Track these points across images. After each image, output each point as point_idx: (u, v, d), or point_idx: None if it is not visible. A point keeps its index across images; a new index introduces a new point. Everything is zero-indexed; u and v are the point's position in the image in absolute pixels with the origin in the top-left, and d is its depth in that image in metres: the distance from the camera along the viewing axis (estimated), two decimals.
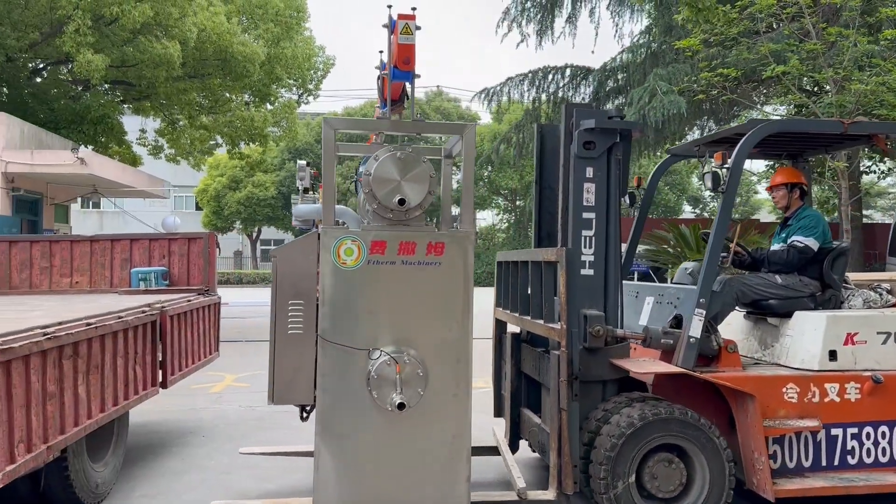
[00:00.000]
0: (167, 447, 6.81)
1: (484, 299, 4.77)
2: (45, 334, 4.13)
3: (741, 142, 4.79)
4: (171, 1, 14.56)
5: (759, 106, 15.33)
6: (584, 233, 4.82)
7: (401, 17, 3.86)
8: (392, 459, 3.76)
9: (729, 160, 4.77)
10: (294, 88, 21.17)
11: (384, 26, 4.17)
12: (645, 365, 4.59)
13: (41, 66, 18.09)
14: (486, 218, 51.80)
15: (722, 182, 4.72)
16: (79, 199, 18.88)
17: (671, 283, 5.49)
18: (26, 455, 3.83)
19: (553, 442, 4.41)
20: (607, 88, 16.16)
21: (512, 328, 5.68)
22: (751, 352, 5.40)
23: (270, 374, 3.77)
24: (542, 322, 4.85)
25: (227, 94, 18.06)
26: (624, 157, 4.99)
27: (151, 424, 7.67)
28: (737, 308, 5.42)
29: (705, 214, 43.45)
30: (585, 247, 4.82)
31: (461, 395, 3.79)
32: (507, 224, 46.09)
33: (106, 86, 18.94)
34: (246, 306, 21.37)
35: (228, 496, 5.26)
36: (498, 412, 5.89)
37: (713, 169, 4.73)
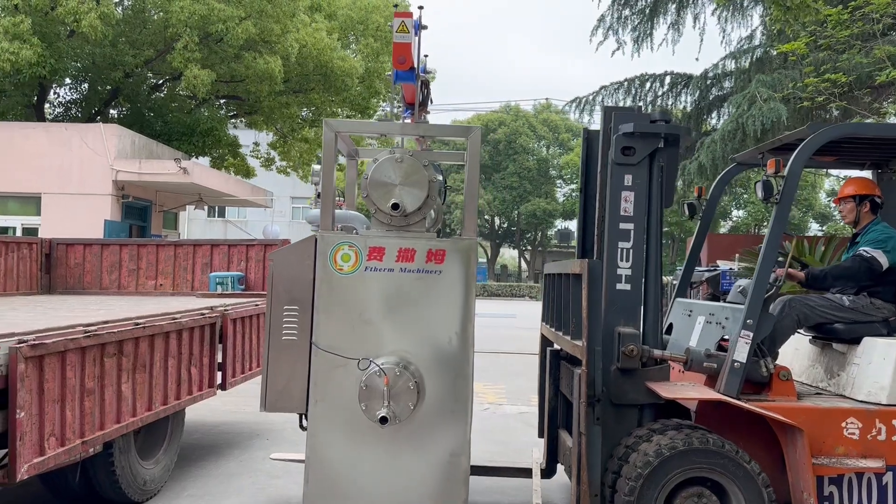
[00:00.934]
0: (228, 449, 7.02)
1: None
2: (85, 332, 4.34)
3: (798, 148, 4.40)
4: (273, 18, 15.21)
5: (881, 113, 14.17)
6: (621, 244, 4.57)
7: (397, 14, 3.80)
8: (384, 476, 3.66)
9: (785, 168, 4.39)
10: (395, 102, 21.55)
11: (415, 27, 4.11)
12: (679, 389, 4.28)
13: (159, 82, 19.37)
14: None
15: (776, 192, 4.35)
16: (205, 209, 20.05)
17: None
18: (58, 448, 4.03)
19: (573, 467, 4.18)
20: (711, 97, 15.42)
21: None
22: (815, 381, 4.93)
23: (263, 381, 3.77)
24: (569, 338, 4.63)
25: (329, 108, 18.63)
26: (669, 165, 4.70)
27: (222, 425, 7.95)
28: (800, 332, 4.97)
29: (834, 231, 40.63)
30: (622, 259, 4.56)
31: (459, 412, 3.64)
32: None
33: (221, 100, 20.07)
34: None
35: (265, 502, 5.34)
36: (541, 433, 5.68)
37: (766, 178, 4.37)
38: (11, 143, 14.71)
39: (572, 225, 49.45)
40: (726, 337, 4.54)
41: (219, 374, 6.23)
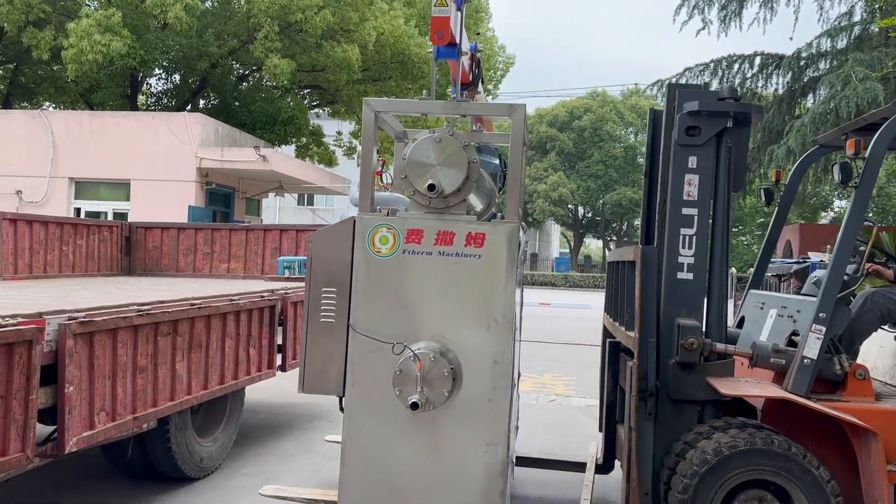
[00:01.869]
0: (289, 429, 7.11)
1: None
2: (138, 311, 4.43)
3: (882, 128, 4.00)
4: (351, 6, 15.31)
5: None
6: (683, 231, 4.29)
7: None
8: (418, 464, 3.54)
9: (866, 150, 4.00)
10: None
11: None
12: (742, 386, 3.98)
13: (245, 73, 19.91)
14: None
15: (855, 175, 3.98)
16: (294, 196, 20.55)
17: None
18: (108, 423, 4.12)
19: (623, 463, 3.96)
20: (805, 79, 14.53)
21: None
22: None
23: (301, 362, 3.72)
24: (624, 329, 4.39)
25: (406, 96, 18.68)
26: (738, 146, 4.39)
27: (286, 407, 8.06)
28: (885, 328, 4.56)
29: None
30: (684, 247, 4.28)
31: (498, 402, 3.47)
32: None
33: (304, 90, 20.45)
34: None
35: (318, 483, 5.35)
36: (600, 427, 5.46)
37: (844, 160, 4.00)
38: (103, 131, 15.43)
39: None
40: (798, 332, 4.20)
41: (279, 357, 6.30)
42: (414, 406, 3.30)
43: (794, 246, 16.84)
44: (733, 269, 17.76)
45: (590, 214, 52.78)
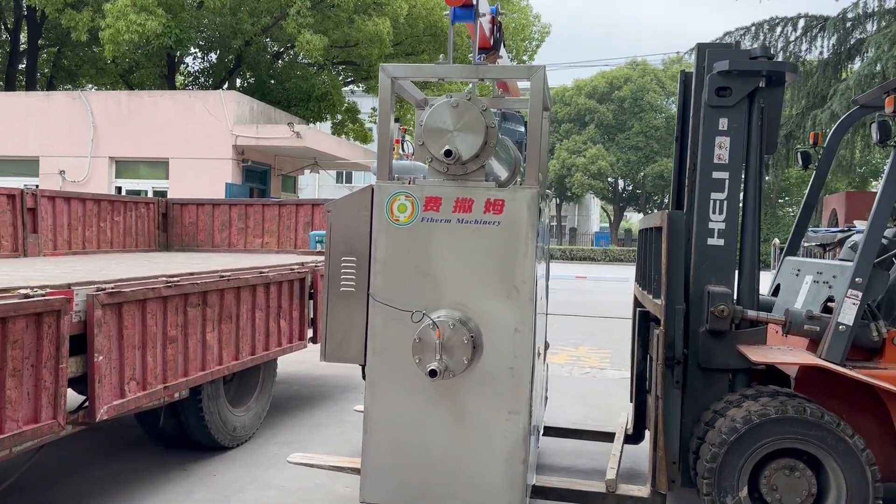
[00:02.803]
0: (322, 400, 7.19)
1: None
2: (167, 283, 4.49)
3: None
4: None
5: None
6: (714, 196, 4.16)
7: None
8: (440, 431, 3.54)
9: None
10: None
11: None
12: (773, 353, 3.87)
13: (280, 50, 19.97)
14: None
15: (894, 134, 3.81)
16: (334, 175, 20.64)
17: None
18: (138, 392, 4.20)
19: (650, 433, 3.90)
20: (851, 41, 13.98)
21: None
22: None
23: (323, 330, 3.73)
24: (651, 297, 4.30)
25: None
26: (771, 107, 4.22)
27: (320, 378, 8.15)
28: None
29: None
30: (714, 212, 4.16)
31: (519, 369, 3.43)
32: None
33: (339, 66, 20.44)
34: None
35: (349, 452, 5.40)
36: (631, 397, 5.39)
37: (883, 118, 3.83)
38: (141, 111, 15.66)
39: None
40: (833, 298, 4.06)
41: (310, 329, 6.35)
42: (432, 373, 3.28)
43: (839, 215, 16.34)
44: (776, 240, 17.34)
45: (630, 187, 52.02)
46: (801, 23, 13.73)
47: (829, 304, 4.09)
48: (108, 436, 5.75)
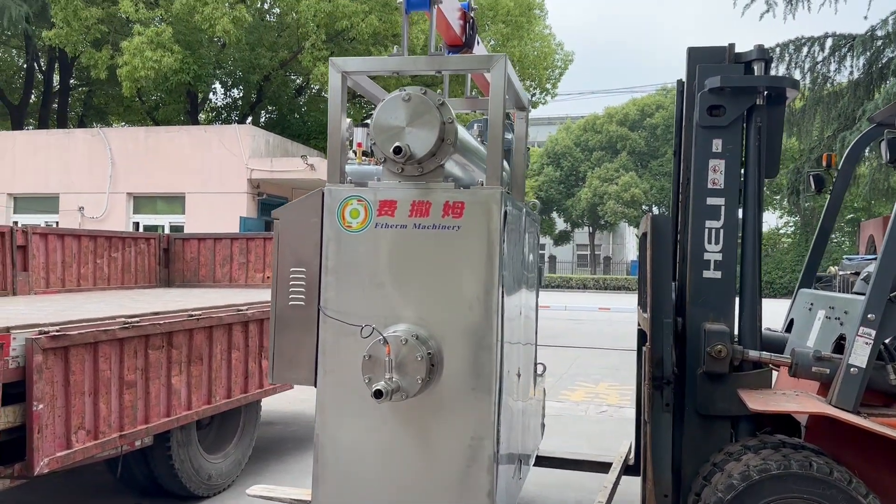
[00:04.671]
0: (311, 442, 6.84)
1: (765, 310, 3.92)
2: (124, 324, 4.24)
3: None
4: (397, 11, 15.12)
5: None
6: (709, 224, 3.79)
7: None
8: (397, 459, 3.17)
9: None
10: (530, 89, 20.95)
11: None
12: (773, 400, 3.44)
13: (302, 85, 20.03)
14: (766, 221, 47.07)
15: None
16: None
17: None
18: (88, 442, 3.92)
19: (641, 462, 3.50)
20: (883, 60, 13.41)
21: None
22: None
23: (270, 349, 3.40)
24: (641, 311, 3.93)
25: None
26: (771, 126, 3.85)
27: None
28: None
29: None
30: (710, 242, 3.78)
31: (482, 390, 3.05)
32: (792, 227, 41.29)
33: (359, 97, 20.42)
34: None
35: None
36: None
37: (893, 135, 3.43)
38: (158, 147, 15.75)
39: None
40: (845, 335, 3.63)
41: None
42: (378, 394, 2.92)
43: (877, 241, 15.62)
44: None
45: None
46: (829, 42, 13.24)
47: (842, 342, 3.66)
48: (81, 481, 5.48)
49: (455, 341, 3.10)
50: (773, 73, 3.61)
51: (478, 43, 4.29)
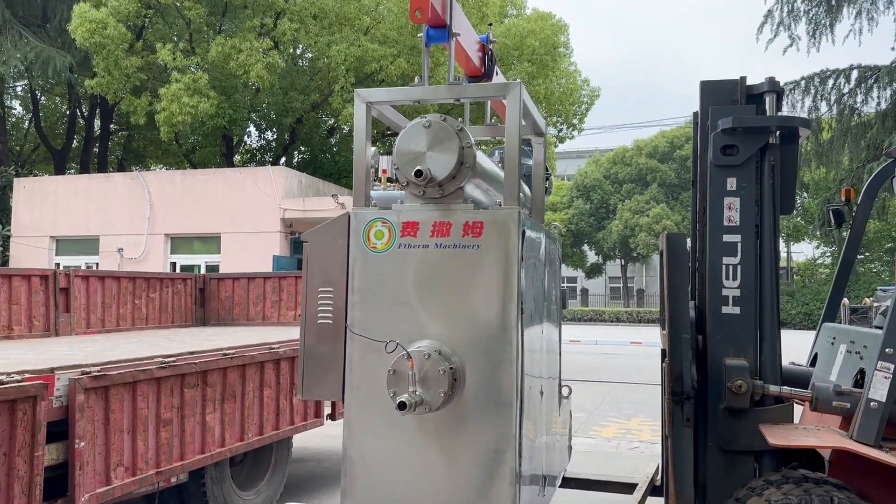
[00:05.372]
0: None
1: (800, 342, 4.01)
2: (162, 364, 4.42)
3: None
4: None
5: None
6: (726, 260, 3.86)
7: None
8: (423, 472, 3.25)
9: None
10: (557, 124, 21.18)
11: None
12: (793, 434, 3.47)
13: (334, 126, 20.50)
14: (802, 251, 46.35)
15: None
16: None
17: None
18: (126, 479, 4.08)
19: (662, 477, 3.54)
20: None
21: None
22: None
23: (300, 366, 3.54)
24: (661, 329, 3.99)
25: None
26: (784, 164, 3.93)
27: None
28: None
29: None
30: (727, 278, 3.84)
31: (504, 404, 3.15)
32: (829, 258, 40.62)
33: (389, 136, 20.83)
34: None
35: None
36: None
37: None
38: (195, 189, 16.21)
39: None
40: (865, 370, 3.65)
41: (328, 405, 6.18)
42: (401, 406, 3.03)
43: None
44: (845, 300, 16.37)
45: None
46: (854, 74, 13.23)
47: (862, 376, 3.68)
48: None
49: (476, 356, 3.22)
50: (799, 105, 3.74)
51: (496, 73, 4.47)
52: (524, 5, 21.57)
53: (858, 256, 38.62)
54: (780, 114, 4.04)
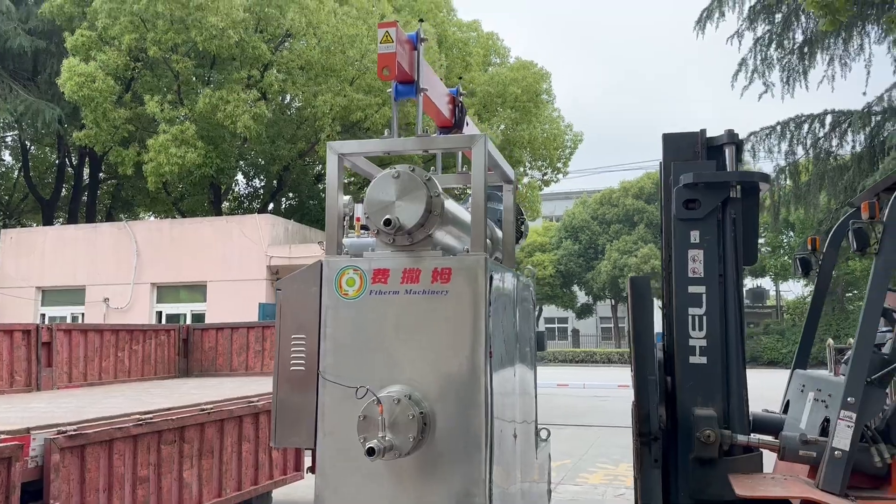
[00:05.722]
0: None
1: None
2: (139, 421, 4.43)
3: None
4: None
5: None
6: (692, 311, 3.96)
7: (381, 25, 3.61)
8: None
9: (882, 213, 3.61)
10: (542, 168, 21.48)
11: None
12: (762, 484, 3.52)
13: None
14: (791, 290, 46.55)
15: (873, 242, 3.58)
16: None
17: None
18: None
19: None
20: (884, 133, 13.66)
21: None
22: None
23: (273, 414, 3.58)
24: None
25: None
26: (746, 216, 4.06)
27: None
28: None
29: None
30: (694, 328, 3.94)
31: (473, 448, 3.20)
32: None
33: None
34: None
35: None
36: None
37: (858, 225, 3.62)
38: (182, 237, 16.28)
39: (765, 283, 45.94)
40: (829, 418, 3.72)
41: (308, 458, 6.16)
42: (370, 452, 3.07)
43: None
44: (831, 340, 16.46)
45: None
46: (829, 119, 13.55)
47: (827, 424, 3.75)
48: None
49: (446, 400, 3.28)
50: (776, 149, 3.80)
51: (467, 124, 4.62)
52: (508, 54, 22.03)
53: (847, 294, 38.60)
54: (740, 166, 4.20)
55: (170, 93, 16.32)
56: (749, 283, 46.63)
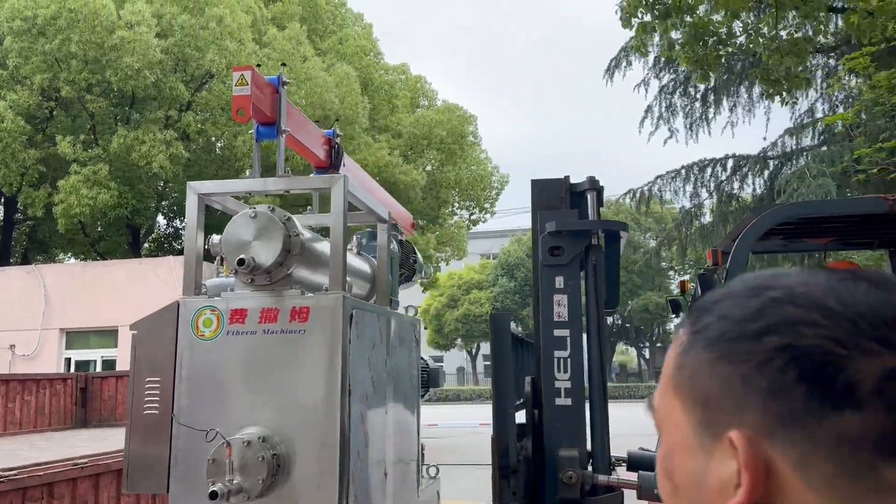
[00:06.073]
0: None
1: None
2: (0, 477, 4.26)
3: (739, 237, 3.83)
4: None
5: None
6: (558, 353, 4.08)
7: (236, 69, 3.66)
8: None
9: (726, 262, 3.83)
10: (470, 208, 21.80)
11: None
12: None
13: None
14: None
15: (693, 295, 3.80)
16: None
17: None
18: None
19: None
20: (781, 177, 14.42)
21: None
22: None
23: (126, 459, 3.48)
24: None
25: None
26: (609, 263, 4.23)
27: None
28: None
29: None
30: (559, 370, 4.05)
31: (327, 486, 3.17)
32: None
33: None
34: (453, 427, 21.51)
35: None
36: None
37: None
38: (95, 280, 15.79)
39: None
40: None
41: None
42: (213, 496, 2.99)
43: None
44: None
45: (619, 322, 51.93)
46: (730, 163, 14.22)
47: None
48: None
49: (302, 440, 3.26)
50: (681, 191, 3.92)
51: (344, 165, 4.68)
52: (435, 97, 22.45)
53: None
54: (601, 213, 4.39)
55: (83, 133, 15.98)
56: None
